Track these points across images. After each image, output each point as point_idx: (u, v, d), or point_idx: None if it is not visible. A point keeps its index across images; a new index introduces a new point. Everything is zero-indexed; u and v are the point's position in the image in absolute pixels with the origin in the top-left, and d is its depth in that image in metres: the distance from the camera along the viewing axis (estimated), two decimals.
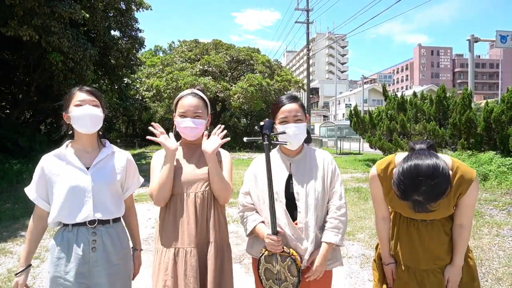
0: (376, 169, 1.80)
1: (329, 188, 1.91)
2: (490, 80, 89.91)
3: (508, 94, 8.63)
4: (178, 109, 1.95)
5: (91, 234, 1.74)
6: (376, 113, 13.60)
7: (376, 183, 1.81)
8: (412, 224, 1.79)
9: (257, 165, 2.01)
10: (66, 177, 1.74)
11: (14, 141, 12.16)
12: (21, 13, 8.78)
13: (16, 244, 4.97)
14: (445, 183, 1.45)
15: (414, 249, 1.78)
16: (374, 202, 1.92)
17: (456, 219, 1.75)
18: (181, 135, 1.98)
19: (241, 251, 4.54)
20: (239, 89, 22.39)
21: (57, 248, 1.73)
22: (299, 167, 1.93)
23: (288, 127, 1.88)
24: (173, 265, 1.81)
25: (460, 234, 1.74)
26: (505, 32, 13.50)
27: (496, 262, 3.94)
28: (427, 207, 1.51)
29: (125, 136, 36.06)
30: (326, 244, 1.81)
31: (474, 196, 1.68)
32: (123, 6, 14.50)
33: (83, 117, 1.75)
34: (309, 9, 26.06)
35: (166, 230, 1.88)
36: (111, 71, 16.10)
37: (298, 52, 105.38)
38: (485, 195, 7.19)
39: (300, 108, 1.93)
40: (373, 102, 49.16)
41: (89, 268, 1.72)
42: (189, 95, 1.96)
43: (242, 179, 10.70)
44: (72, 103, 1.78)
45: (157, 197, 1.84)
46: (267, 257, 1.80)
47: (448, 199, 1.62)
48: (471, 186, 1.63)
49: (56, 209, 1.72)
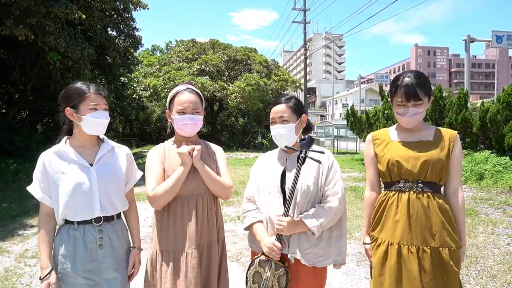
0: (371, 135, 2.03)
1: (324, 183, 1.88)
2: (486, 80, 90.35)
3: (503, 94, 8.69)
4: (175, 105, 1.90)
5: (98, 232, 1.74)
6: (373, 113, 13.64)
7: (369, 146, 2.01)
8: (403, 199, 1.81)
9: (262, 160, 2.10)
10: (70, 175, 1.72)
11: (10, 141, 12.11)
12: (17, 12, 8.75)
13: (13, 244, 4.96)
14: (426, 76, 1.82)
15: (399, 224, 1.80)
16: (365, 164, 2.06)
17: (449, 187, 1.85)
18: (179, 132, 1.94)
19: (238, 250, 4.56)
20: (236, 89, 22.39)
21: (62, 245, 1.72)
22: (293, 163, 1.94)
23: (273, 128, 1.95)
24: (172, 267, 1.79)
25: (456, 204, 1.82)
26: (501, 32, 13.57)
27: (491, 260, 3.98)
28: (417, 91, 1.75)
29: (122, 136, 35.95)
30: (300, 221, 1.79)
31: (460, 150, 1.85)
32: (120, 6, 14.47)
33: (98, 124, 1.76)
34: (306, 9, 26.07)
35: (165, 232, 1.85)
36: (108, 70, 16.07)
37: (295, 52, 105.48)
38: (481, 194, 7.25)
39: (287, 109, 1.92)
40: (370, 102, 49.31)
41: (97, 265, 1.73)
42: (185, 91, 1.91)
43: (239, 179, 10.71)
44: (85, 104, 1.74)
45: (160, 201, 1.79)
46: (262, 261, 1.81)
47: (440, 151, 1.79)
48: (455, 140, 1.83)
49: (63, 208, 1.70)
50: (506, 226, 5.18)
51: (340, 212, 1.87)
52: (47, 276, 1.70)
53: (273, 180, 1.94)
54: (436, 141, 1.82)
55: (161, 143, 2.00)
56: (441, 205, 1.78)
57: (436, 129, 1.89)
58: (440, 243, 1.73)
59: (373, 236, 1.93)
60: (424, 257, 1.74)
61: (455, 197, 1.83)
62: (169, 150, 1.93)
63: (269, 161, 2.06)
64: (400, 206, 1.81)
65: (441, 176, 1.79)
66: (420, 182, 1.79)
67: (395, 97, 1.85)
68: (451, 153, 1.81)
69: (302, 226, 1.79)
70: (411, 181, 1.80)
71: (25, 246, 4.86)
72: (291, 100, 1.98)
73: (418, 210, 1.77)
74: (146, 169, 1.89)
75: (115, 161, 1.86)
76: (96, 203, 1.73)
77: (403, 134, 1.91)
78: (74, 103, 1.75)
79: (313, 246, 1.84)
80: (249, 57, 26.07)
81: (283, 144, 1.95)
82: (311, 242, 1.84)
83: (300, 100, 2.06)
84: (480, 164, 8.66)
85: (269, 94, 23.86)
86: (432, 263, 1.73)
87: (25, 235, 5.34)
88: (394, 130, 1.97)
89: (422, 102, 1.79)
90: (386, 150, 1.90)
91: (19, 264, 4.21)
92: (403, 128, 1.92)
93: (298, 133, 1.95)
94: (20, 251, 4.64)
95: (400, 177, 1.83)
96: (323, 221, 1.79)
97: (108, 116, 1.81)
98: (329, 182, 1.88)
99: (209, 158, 1.98)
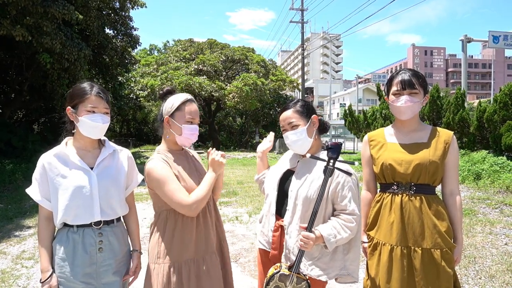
0: (368, 136, 2.05)
1: (332, 199, 1.79)
2: (483, 80, 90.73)
3: (500, 94, 8.73)
4: (184, 114, 1.82)
5: (98, 235, 1.72)
6: (371, 113, 13.68)
7: (366, 146, 2.03)
8: (396, 201, 1.82)
9: (279, 163, 2.10)
10: (70, 178, 1.69)
11: (6, 141, 12.04)
12: (14, 12, 8.69)
13: (10, 245, 4.92)
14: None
15: (393, 226, 1.81)
16: (362, 164, 2.10)
17: (445, 188, 1.85)
18: (183, 142, 1.85)
19: (237, 250, 4.55)
20: (234, 89, 22.38)
21: (61, 249, 1.69)
22: (304, 166, 1.90)
23: (285, 136, 1.90)
24: (196, 276, 1.76)
25: (453, 204, 1.83)
26: (498, 32, 13.60)
27: (489, 260, 3.99)
28: (412, 79, 1.79)
29: (119, 136, 35.84)
30: (320, 236, 1.69)
31: (456, 151, 1.84)
32: (118, 5, 14.41)
33: (94, 127, 1.71)
34: (303, 9, 26.08)
35: (188, 241, 1.77)
36: (105, 70, 15.99)
37: (292, 52, 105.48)
38: (478, 194, 7.27)
39: (294, 113, 1.87)
40: (367, 101, 49.39)
41: (96, 269, 1.71)
42: (193, 102, 1.87)
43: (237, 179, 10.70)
44: (83, 106, 1.70)
45: (199, 208, 1.73)
46: (283, 276, 1.72)
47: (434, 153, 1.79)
48: (451, 141, 1.82)
49: (62, 211, 1.67)
50: (504, 226, 5.19)
51: (356, 231, 1.79)
52: (48, 279, 1.68)
53: (273, 178, 1.97)
54: (430, 143, 1.82)
55: (155, 154, 1.87)
56: (434, 207, 1.78)
57: (432, 129, 1.88)
58: (432, 245, 1.75)
59: (369, 236, 1.95)
60: (415, 256, 1.76)
61: (452, 198, 1.84)
62: (168, 159, 1.84)
63: (284, 157, 2.08)
64: (394, 207, 1.83)
65: (434, 178, 1.80)
66: (413, 184, 1.80)
67: (391, 88, 1.87)
68: (447, 154, 1.81)
69: (319, 240, 1.71)
70: (404, 183, 1.82)
71: (22, 247, 4.83)
72: (297, 103, 1.92)
73: (410, 212, 1.78)
74: (162, 183, 1.72)
75: (116, 165, 1.83)
76: (96, 207, 1.71)
77: (399, 135, 1.92)
78: (75, 102, 1.72)
79: (316, 259, 1.80)
80: (247, 57, 26.07)
81: (300, 151, 1.88)
82: (315, 255, 1.80)
83: (308, 101, 2.00)
84: (477, 164, 8.69)
85: (266, 94, 23.86)
86: (423, 262, 1.74)
87: (22, 236, 5.31)
88: (390, 130, 1.97)
89: (418, 92, 1.80)
90: (381, 152, 1.91)
91: (15, 265, 4.18)
92: (399, 127, 1.93)
93: (312, 135, 1.87)
94: (17, 253, 4.61)
95: (394, 180, 1.84)
96: (339, 238, 1.72)
97: (107, 120, 1.75)
98: (343, 199, 1.78)
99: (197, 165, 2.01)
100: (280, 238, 1.88)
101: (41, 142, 13.41)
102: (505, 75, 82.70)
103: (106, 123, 1.74)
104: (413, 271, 1.76)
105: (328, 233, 1.70)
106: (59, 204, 1.68)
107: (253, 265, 4.08)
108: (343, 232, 1.72)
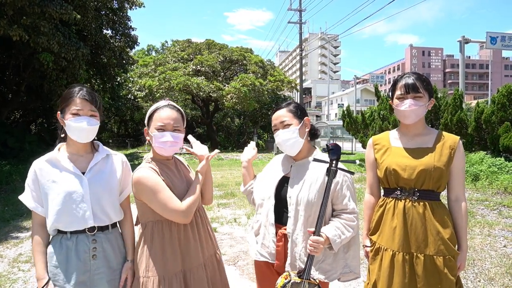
0: (372, 139, 2.02)
1: (332, 199, 1.81)
2: (480, 81, 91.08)
3: (498, 95, 8.75)
4: (154, 121, 1.77)
5: (91, 242, 1.69)
6: (369, 113, 13.68)
7: (370, 150, 2.01)
8: (399, 207, 1.81)
9: (271, 162, 2.10)
10: (61, 183, 1.67)
11: (3, 142, 11.98)
12: (11, 12, 8.65)
13: (7, 248, 4.88)
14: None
15: (396, 231, 1.80)
16: (366, 167, 2.07)
17: (451, 194, 1.84)
18: (158, 151, 1.80)
19: (235, 253, 4.52)
20: (232, 89, 22.34)
21: (54, 256, 1.67)
22: (299, 170, 1.88)
23: (276, 135, 1.89)
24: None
25: (458, 211, 1.81)
26: (495, 33, 13.65)
27: (488, 262, 3.98)
28: (416, 83, 1.78)
29: (117, 136, 35.73)
30: (327, 239, 1.70)
31: (462, 156, 1.82)
32: (116, 5, 14.38)
33: (79, 130, 1.68)
34: (302, 9, 26.11)
35: (165, 255, 1.73)
36: (103, 70, 15.95)
37: (290, 52, 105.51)
38: (476, 195, 7.28)
39: (287, 112, 1.88)
40: (366, 102, 49.53)
41: (90, 276, 1.68)
42: (166, 107, 1.79)
43: (235, 180, 10.65)
44: (69, 109, 1.68)
45: (191, 214, 1.72)
46: (294, 284, 1.70)
47: (439, 159, 1.76)
48: (457, 146, 1.80)
49: (53, 217, 1.65)
50: (502, 228, 5.20)
51: (357, 229, 1.82)
52: (44, 287, 1.65)
53: (269, 187, 1.93)
54: (435, 148, 1.80)
55: (143, 163, 1.83)
56: (438, 214, 1.77)
57: (438, 133, 1.85)
58: (435, 252, 1.73)
59: (372, 241, 1.94)
60: (417, 263, 1.74)
61: (457, 204, 1.82)
62: (156, 167, 1.79)
63: (273, 164, 2.05)
64: (396, 213, 1.81)
65: (439, 184, 1.78)
66: (417, 190, 1.78)
67: (395, 92, 1.85)
68: (452, 160, 1.79)
69: (325, 243, 1.71)
70: (408, 189, 1.80)
71: (18, 250, 4.79)
72: (290, 104, 1.93)
73: (413, 218, 1.77)
74: (154, 191, 1.69)
75: (109, 169, 1.80)
76: (88, 212, 1.68)
77: (403, 139, 1.90)
78: (62, 106, 1.71)
79: (320, 261, 1.80)
80: (245, 57, 26.03)
81: (291, 151, 1.88)
82: (319, 258, 1.79)
83: (301, 104, 2.01)
84: (475, 165, 8.71)
85: (264, 95, 23.83)
86: (425, 269, 1.73)
87: (19, 239, 5.26)
88: (395, 134, 1.95)
89: (422, 96, 1.79)
90: (385, 157, 1.90)
91: (12, 269, 4.14)
92: (404, 131, 1.91)
93: (303, 136, 1.87)
94: (13, 256, 4.57)
95: (397, 185, 1.83)
96: (344, 237, 1.74)
97: (94, 123, 1.71)
98: (343, 198, 1.81)
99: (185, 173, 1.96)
100: (284, 247, 1.85)
101: (38, 143, 13.36)
102: (502, 75, 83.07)
103: (92, 126, 1.70)
104: (415, 277, 1.75)
105: (333, 234, 1.71)
106: (50, 210, 1.66)
107: (252, 268, 4.06)
108: (347, 232, 1.75)
